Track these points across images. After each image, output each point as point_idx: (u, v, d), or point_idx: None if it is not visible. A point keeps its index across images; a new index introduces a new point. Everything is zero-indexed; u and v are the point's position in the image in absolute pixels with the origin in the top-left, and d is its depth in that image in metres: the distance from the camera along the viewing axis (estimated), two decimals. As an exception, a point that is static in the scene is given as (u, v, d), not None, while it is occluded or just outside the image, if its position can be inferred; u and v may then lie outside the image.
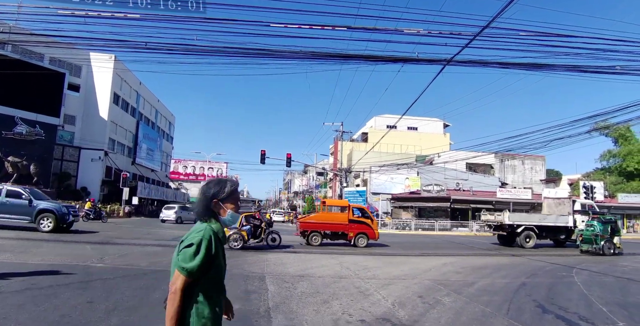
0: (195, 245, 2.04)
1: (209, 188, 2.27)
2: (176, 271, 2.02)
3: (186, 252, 2.04)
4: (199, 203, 2.25)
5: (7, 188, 17.38)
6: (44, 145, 37.92)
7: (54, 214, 17.17)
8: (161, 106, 68.07)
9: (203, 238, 2.07)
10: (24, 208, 16.89)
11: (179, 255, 2.05)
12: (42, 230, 16.58)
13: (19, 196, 17.12)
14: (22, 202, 17.01)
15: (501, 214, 22.28)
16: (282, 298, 6.74)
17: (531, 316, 6.36)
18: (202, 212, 2.22)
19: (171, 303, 1.98)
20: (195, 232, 2.12)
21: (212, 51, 13.73)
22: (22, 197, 17.14)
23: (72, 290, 6.50)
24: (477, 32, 11.20)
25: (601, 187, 44.49)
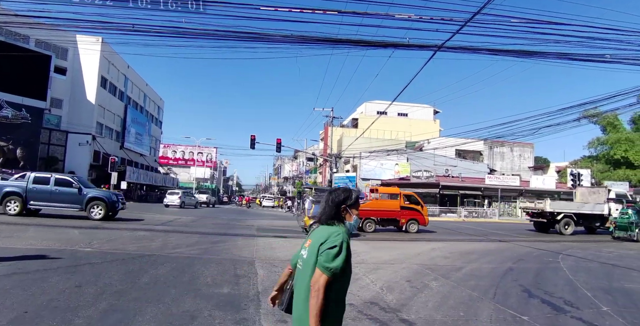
0: (338, 247, 2.22)
1: (338, 195, 2.47)
2: (317, 270, 2.19)
3: (329, 253, 2.20)
4: (328, 208, 2.44)
5: (56, 177, 17.29)
6: (31, 129, 37.38)
7: (105, 202, 17.13)
8: (150, 90, 67.29)
9: (343, 241, 2.26)
10: (74, 197, 16.82)
11: (322, 256, 2.21)
12: (93, 218, 16.55)
13: (69, 184, 17.04)
14: (72, 190, 16.89)
15: (542, 202, 23.12)
16: (271, 282, 6.76)
17: (517, 300, 6.46)
18: (331, 216, 2.41)
19: (315, 301, 2.13)
20: (334, 235, 2.28)
21: (201, 34, 13.55)
22: (72, 185, 17.00)
23: (60, 274, 6.46)
24: (469, 18, 11.14)
25: (588, 175, 45.02)
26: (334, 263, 2.18)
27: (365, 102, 66.48)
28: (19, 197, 16.22)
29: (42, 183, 16.61)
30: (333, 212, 2.42)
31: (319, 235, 2.35)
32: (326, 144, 51.45)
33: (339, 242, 2.23)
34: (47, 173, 18.65)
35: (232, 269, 7.72)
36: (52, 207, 16.78)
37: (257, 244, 11.80)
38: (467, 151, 55.22)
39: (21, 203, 16.23)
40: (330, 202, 2.44)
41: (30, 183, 16.43)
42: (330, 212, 2.42)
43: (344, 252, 2.24)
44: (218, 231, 15.39)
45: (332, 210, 2.42)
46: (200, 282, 6.50)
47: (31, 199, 16.36)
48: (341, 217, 2.43)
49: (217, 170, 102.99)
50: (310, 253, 2.31)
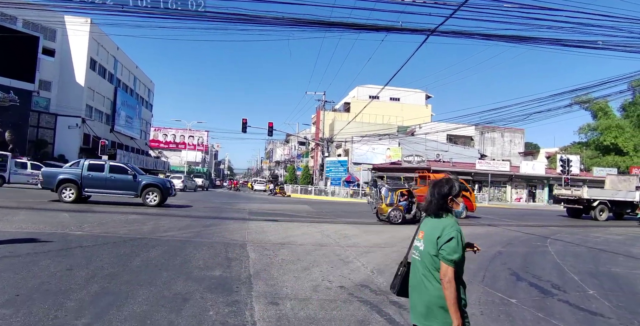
0: (456, 239, 2.44)
1: (442, 188, 2.63)
2: (443, 263, 2.43)
3: (450, 246, 2.42)
4: (435, 201, 2.61)
5: (111, 164, 17.39)
6: (19, 112, 36.90)
7: (160, 188, 17.33)
8: (140, 72, 66.48)
9: (458, 232, 2.47)
10: (129, 183, 16.99)
11: (443, 250, 2.43)
12: (148, 205, 16.75)
13: (124, 171, 17.18)
14: (127, 177, 17.05)
15: (579, 189, 24.26)
16: (263, 265, 6.81)
17: (506, 283, 6.56)
18: (439, 208, 2.59)
19: (450, 291, 2.38)
20: (448, 227, 2.48)
21: (191, 15, 13.36)
22: (127, 172, 17.18)
23: (51, 257, 6.45)
24: (462, 2, 11.07)
25: (577, 161, 45.50)
26: (455, 255, 2.42)
27: (357, 86, 66.23)
28: (75, 184, 16.28)
29: (96, 170, 16.75)
30: (440, 204, 2.59)
31: (432, 227, 2.57)
32: (318, 128, 51.37)
33: (455, 234, 2.45)
34: (101, 160, 19.17)
35: (224, 252, 7.75)
36: (107, 194, 16.95)
37: (249, 227, 11.83)
38: (459, 136, 55.42)
39: (77, 190, 16.26)
40: (437, 194, 2.61)
41: (85, 171, 16.51)
42: (438, 204, 2.60)
43: (461, 242, 2.47)
44: (210, 215, 15.40)
45: (440, 202, 2.59)
46: (192, 265, 6.52)
47: (86, 186, 16.46)
48: (449, 207, 2.60)
49: (209, 154, 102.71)
50: (427, 245, 2.54)
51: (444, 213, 2.58)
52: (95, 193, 16.86)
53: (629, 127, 50.27)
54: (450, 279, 2.38)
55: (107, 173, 16.77)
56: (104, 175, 16.69)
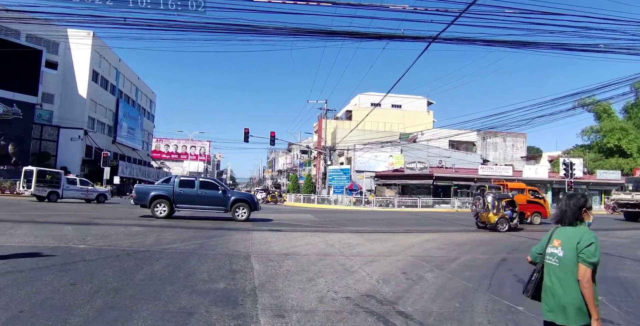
0: (595, 244, 2.78)
1: (578, 200, 2.96)
2: (582, 266, 2.75)
3: (589, 250, 2.75)
4: (571, 211, 2.94)
5: (201, 180, 17.87)
6: (22, 125, 37.12)
7: (248, 203, 17.68)
8: (142, 84, 66.82)
9: (595, 238, 2.82)
10: (219, 199, 17.29)
11: (583, 254, 2.75)
12: (237, 219, 17.05)
13: (214, 187, 17.62)
14: (217, 192, 17.39)
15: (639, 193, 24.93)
16: (267, 277, 6.77)
17: (512, 290, 6.50)
18: (575, 218, 2.94)
19: (589, 290, 2.72)
20: (586, 234, 2.83)
21: (193, 27, 13.42)
22: (218, 188, 17.62)
23: (54, 272, 6.42)
24: (464, 9, 11.12)
25: (580, 164, 45.35)
26: (594, 258, 2.74)
27: (359, 94, 66.35)
28: (167, 200, 16.69)
29: (187, 186, 17.16)
30: (576, 215, 2.94)
31: (569, 235, 2.89)
32: (320, 137, 51.40)
33: (594, 239, 2.79)
34: (192, 176, 19.99)
35: (228, 264, 7.71)
36: (198, 209, 17.42)
37: (253, 238, 11.80)
38: (461, 142, 55.38)
39: (169, 206, 16.64)
40: (573, 206, 2.96)
41: (177, 187, 16.92)
42: (573, 215, 2.94)
43: (599, 247, 2.79)
44: (213, 225, 15.37)
45: (575, 212, 2.94)
46: (196, 278, 6.49)
47: (178, 202, 16.85)
48: (582, 217, 2.95)
49: (211, 164, 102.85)
50: (567, 252, 2.85)
51: (578, 222, 2.94)
52: (186, 208, 17.29)
53: (633, 129, 50.17)
54: (589, 279, 2.71)
55: (198, 189, 17.15)
56: (195, 191, 17.07)
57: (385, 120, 59.68)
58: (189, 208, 17.15)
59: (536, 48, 14.05)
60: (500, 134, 55.28)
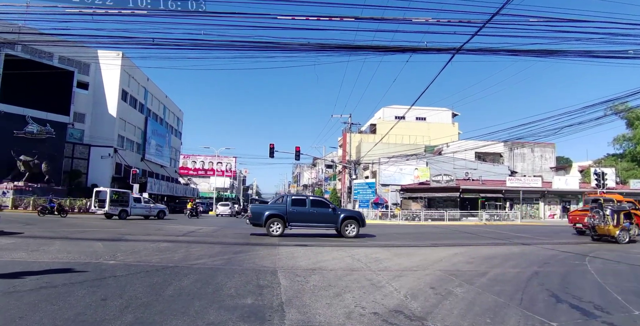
0: None
1: None
2: None
3: None
4: None
5: (311, 198, 18.79)
6: (55, 144, 38.30)
7: (357, 220, 18.23)
8: (169, 102, 68.27)
9: None
10: (329, 217, 18.01)
11: None
12: (347, 236, 17.62)
13: (324, 205, 18.45)
14: (327, 210, 18.15)
15: None
16: (294, 292, 6.76)
17: (545, 305, 6.33)
18: None
19: None
20: None
21: (219, 45, 13.73)
22: (328, 205, 18.47)
23: (86, 287, 6.55)
24: (487, 20, 11.09)
25: (612, 174, 44.17)
26: None
27: (383, 107, 66.35)
28: (281, 219, 17.41)
29: (299, 205, 17.91)
30: None
31: None
32: (345, 151, 51.42)
33: None
34: (303, 195, 21.41)
35: (255, 279, 7.73)
36: (309, 227, 18.05)
37: (279, 253, 11.81)
38: (487, 153, 54.62)
39: (282, 224, 17.39)
40: None
41: (289, 206, 17.66)
42: None
43: None
44: (240, 241, 15.45)
45: None
46: (223, 293, 6.52)
47: (291, 221, 17.55)
48: None
49: (237, 179, 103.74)
50: None
51: None
52: (298, 227, 17.89)
53: (666, 136, 48.71)
54: None
55: (309, 208, 17.86)
56: (306, 209, 17.80)
57: (410, 132, 59.42)
58: (301, 226, 17.81)
59: (562, 56, 13.87)
60: (528, 145, 54.35)
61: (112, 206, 29.07)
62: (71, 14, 12.45)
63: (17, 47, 35.96)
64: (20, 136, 35.81)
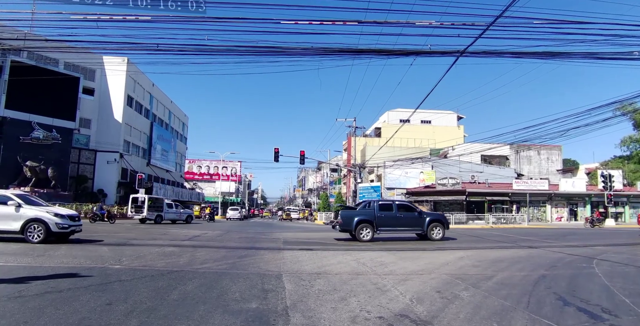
0: None
1: None
2: None
3: None
4: None
5: (397, 203, 19.03)
6: (61, 149, 38.50)
7: (442, 223, 18.65)
8: (174, 107, 68.56)
9: None
10: (415, 220, 18.30)
11: None
12: (433, 239, 17.99)
13: (410, 209, 18.82)
14: (413, 214, 18.50)
15: None
16: (299, 296, 6.73)
17: (552, 309, 6.26)
18: None
19: None
20: None
21: (223, 50, 13.77)
22: (414, 209, 18.86)
23: (90, 292, 6.56)
24: (491, 22, 11.06)
25: (619, 176, 43.93)
26: None
27: (387, 111, 66.33)
28: (370, 224, 17.65)
29: (386, 209, 18.12)
30: None
31: None
32: (349, 154, 51.40)
33: None
34: (389, 200, 21.82)
35: (260, 283, 7.71)
36: (397, 231, 18.51)
37: (284, 257, 11.79)
38: (493, 156, 54.43)
39: (372, 229, 17.58)
40: None
41: (377, 211, 17.88)
42: None
43: None
44: (245, 245, 15.45)
45: None
46: (228, 298, 6.50)
47: (379, 225, 17.77)
48: None
49: (242, 184, 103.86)
50: None
51: None
52: (386, 231, 18.19)
53: (674, 137, 48.42)
54: None
55: (396, 212, 18.09)
56: (394, 214, 18.03)
57: (415, 136, 59.31)
58: (389, 230, 18.14)
59: (567, 58, 13.82)
60: (534, 147, 54.14)
61: (150, 212, 32.06)
62: (76, 20, 12.53)
63: (22, 54, 36.22)
64: (26, 142, 36.03)
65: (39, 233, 13.16)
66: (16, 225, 13.07)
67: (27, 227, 13.12)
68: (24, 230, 13.09)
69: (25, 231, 13.10)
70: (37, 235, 13.15)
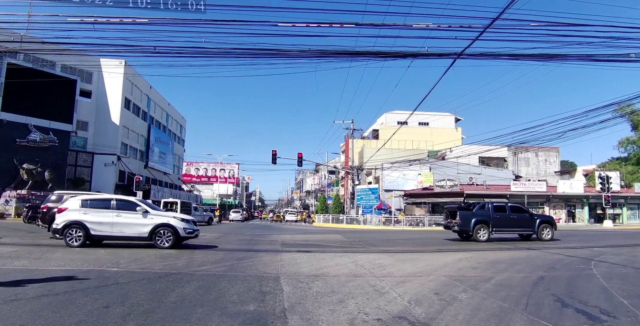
0: None
1: None
2: None
3: None
4: None
5: (510, 205, 19.88)
6: (58, 152, 38.39)
7: (552, 224, 19.45)
8: (172, 109, 68.48)
9: None
10: (528, 222, 19.22)
11: None
12: (543, 239, 18.91)
13: (522, 211, 19.78)
14: (526, 215, 19.44)
15: None
16: (297, 299, 6.71)
17: (550, 310, 6.26)
18: None
19: None
20: None
21: (221, 53, 13.77)
22: (525, 211, 19.75)
23: (88, 295, 6.52)
24: (488, 24, 11.09)
25: (617, 177, 44.00)
26: None
27: (385, 113, 66.39)
28: (487, 224, 18.65)
29: (501, 211, 19.16)
30: None
31: None
32: (347, 156, 51.40)
33: None
34: (502, 202, 22.60)
35: (258, 286, 7.69)
36: (510, 232, 19.59)
37: (282, 260, 11.76)
38: (491, 158, 54.49)
39: (488, 230, 18.60)
40: None
41: (493, 213, 18.90)
42: None
43: None
44: (243, 247, 15.41)
45: None
46: (226, 300, 6.48)
47: (494, 226, 18.73)
48: None
49: (240, 186, 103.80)
50: None
51: None
52: (500, 232, 19.12)
53: (671, 138, 48.51)
54: None
55: (510, 213, 19.12)
56: (507, 215, 19.04)
57: (413, 138, 59.36)
58: (504, 231, 19.19)
59: (564, 60, 13.86)
60: (532, 149, 54.22)
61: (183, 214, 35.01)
62: (73, 23, 12.51)
63: (19, 56, 36.18)
64: (23, 144, 35.94)
65: (168, 238, 13.47)
66: (145, 231, 13.40)
67: (156, 233, 13.43)
68: (153, 235, 13.40)
69: (154, 237, 13.39)
70: (166, 240, 13.46)
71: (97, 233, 13.28)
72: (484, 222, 18.44)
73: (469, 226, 18.38)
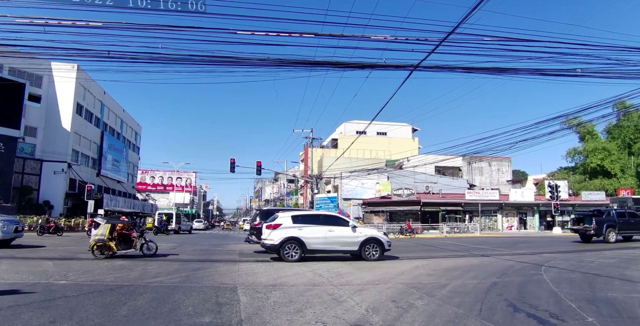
0: None
1: None
2: None
3: None
4: None
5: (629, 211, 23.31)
6: (4, 159, 36.58)
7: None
8: (127, 116, 66.72)
9: None
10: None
11: None
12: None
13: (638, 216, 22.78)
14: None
15: None
16: (254, 309, 6.61)
17: (503, 315, 6.41)
18: None
19: None
20: None
21: (177, 59, 13.54)
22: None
23: (33, 309, 6.20)
24: (443, 38, 11.39)
25: (565, 186, 45.91)
26: None
27: (344, 122, 66.96)
28: (614, 228, 21.61)
29: (622, 216, 22.07)
30: None
31: None
32: (307, 165, 51.46)
33: None
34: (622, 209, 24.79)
35: (214, 297, 7.53)
36: (632, 234, 22.45)
37: (239, 270, 11.59)
38: (447, 167, 55.84)
39: (615, 233, 21.54)
40: None
41: (617, 218, 21.94)
42: None
43: None
44: (199, 257, 15.11)
45: None
46: (180, 312, 6.31)
47: (620, 229, 21.74)
48: None
49: (197, 195, 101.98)
50: None
51: None
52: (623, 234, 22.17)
53: (615, 149, 51.04)
54: None
55: (629, 218, 22.22)
56: (627, 219, 22.15)
57: (371, 147, 60.12)
58: (626, 233, 22.13)
59: (515, 74, 14.39)
60: (486, 159, 55.93)
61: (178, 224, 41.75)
62: (22, 24, 12.03)
63: (-37, 59, 34.44)
64: (-35, 151, 34.11)
65: (375, 251, 14.34)
66: (355, 245, 14.25)
67: (365, 246, 14.25)
68: (362, 249, 14.21)
69: (362, 250, 14.20)
70: (373, 253, 14.32)
71: (312, 248, 13.96)
72: (613, 226, 21.43)
73: (601, 230, 21.09)
